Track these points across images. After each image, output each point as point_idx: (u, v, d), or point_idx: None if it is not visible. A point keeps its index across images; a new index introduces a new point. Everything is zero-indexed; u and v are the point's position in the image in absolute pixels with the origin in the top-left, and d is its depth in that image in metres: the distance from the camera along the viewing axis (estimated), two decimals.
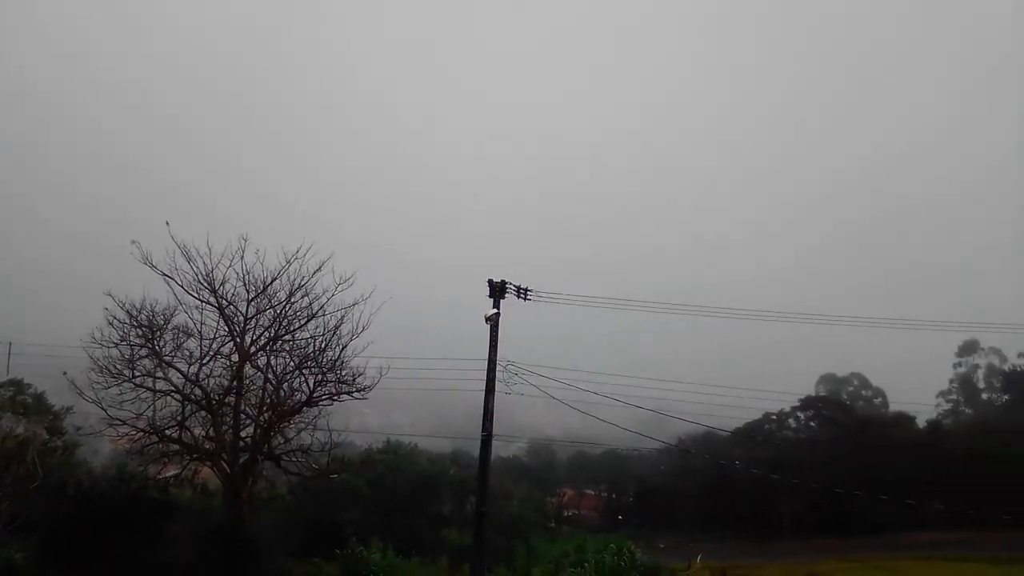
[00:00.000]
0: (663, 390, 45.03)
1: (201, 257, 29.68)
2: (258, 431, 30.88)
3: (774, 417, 75.20)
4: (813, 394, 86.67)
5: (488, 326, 21.12)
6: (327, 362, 30.59)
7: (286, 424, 31.27)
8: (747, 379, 70.81)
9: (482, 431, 21.77)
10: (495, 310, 21.20)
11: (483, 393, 22.40)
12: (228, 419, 30.60)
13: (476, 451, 24.81)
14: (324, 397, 30.87)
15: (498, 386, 21.91)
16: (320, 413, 31.20)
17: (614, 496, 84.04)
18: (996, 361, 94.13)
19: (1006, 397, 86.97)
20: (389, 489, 41.02)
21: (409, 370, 32.17)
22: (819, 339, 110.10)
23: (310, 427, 31.15)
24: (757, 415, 72.90)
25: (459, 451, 57.81)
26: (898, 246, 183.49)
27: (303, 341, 31.29)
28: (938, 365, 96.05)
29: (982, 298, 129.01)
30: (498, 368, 21.53)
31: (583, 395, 25.05)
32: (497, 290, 21.53)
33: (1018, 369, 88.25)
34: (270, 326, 31.11)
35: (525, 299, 22.44)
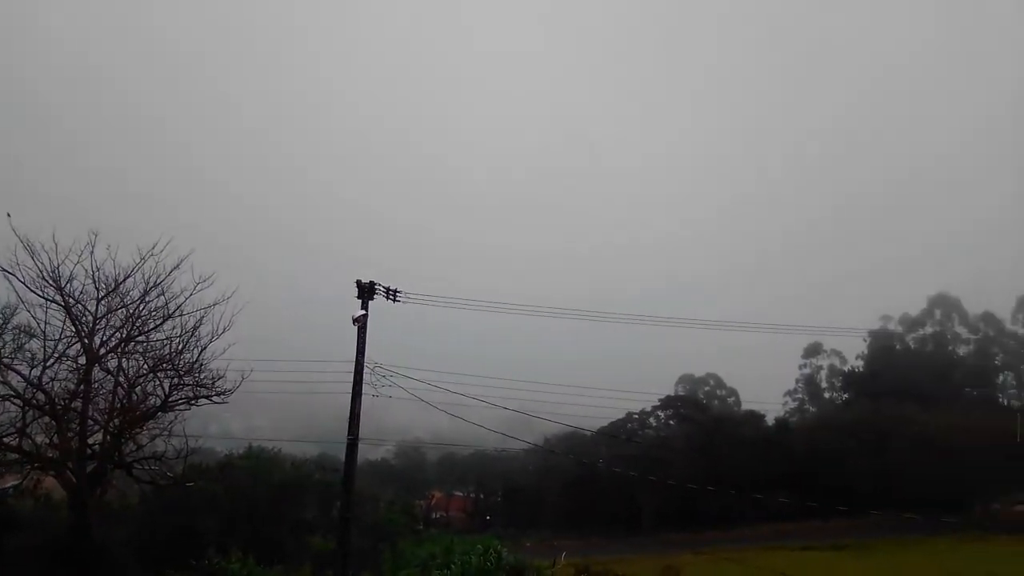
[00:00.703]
0: (531, 391, 45.92)
1: (46, 252, 27.70)
2: (108, 438, 29.20)
3: (636, 416, 78.03)
4: (672, 394, 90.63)
5: (356, 327, 20.87)
6: (184, 365, 29.33)
7: (138, 430, 29.75)
8: (612, 380, 73.29)
9: (348, 435, 21.48)
10: (363, 311, 20.96)
11: (350, 396, 22.11)
12: (74, 425, 28.75)
13: (343, 455, 24.49)
14: (180, 401, 29.57)
15: (366, 388, 21.68)
16: (176, 418, 29.91)
17: (482, 497, 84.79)
18: (837, 362, 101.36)
19: (845, 396, 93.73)
20: (250, 496, 39.81)
21: (272, 372, 31.33)
22: (680, 340, 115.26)
23: (165, 433, 29.79)
24: (620, 414, 75.53)
25: (325, 455, 56.79)
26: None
27: (158, 342, 29.87)
28: (786, 366, 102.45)
29: (831, 303, 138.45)
30: (365, 370, 21.32)
31: (452, 397, 25.22)
32: (365, 291, 21.29)
33: (856, 370, 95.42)
34: (122, 326, 29.45)
35: (395, 300, 22.32)
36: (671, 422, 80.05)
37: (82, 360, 28.71)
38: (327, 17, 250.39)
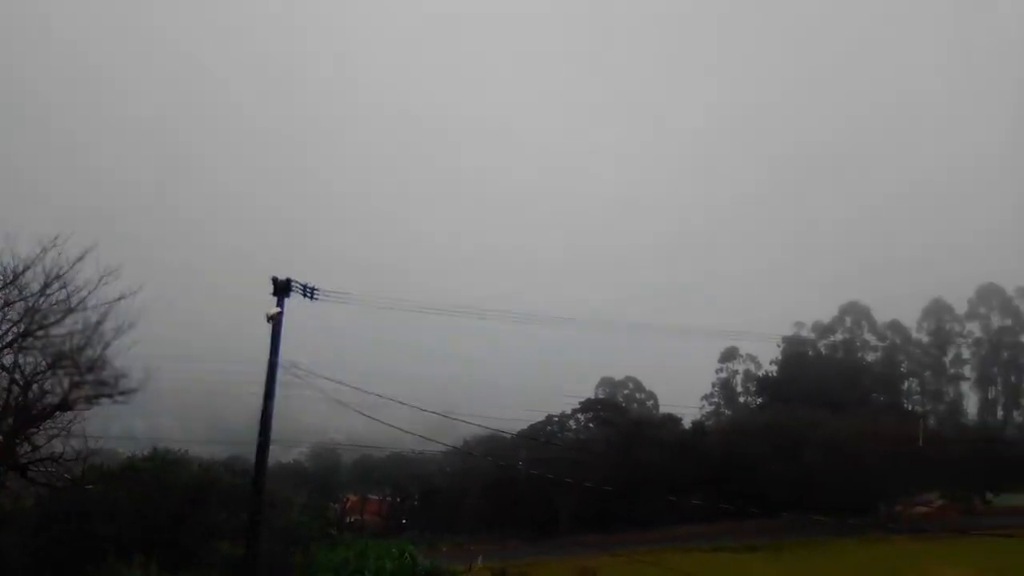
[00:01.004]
0: (452, 393, 45.57)
1: None
2: (1, 438, 27.51)
3: (556, 419, 78.41)
4: (593, 397, 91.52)
5: (270, 326, 20.09)
6: (86, 361, 27.84)
7: (34, 430, 28.11)
8: (534, 383, 73.43)
9: (259, 436, 20.70)
10: (278, 309, 20.19)
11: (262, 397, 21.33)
12: None
13: (254, 457, 23.64)
14: (80, 400, 28.07)
15: (279, 389, 20.96)
16: (76, 418, 28.35)
17: (398, 500, 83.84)
18: (752, 367, 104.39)
19: (759, 400, 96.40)
20: (155, 500, 38.19)
21: (181, 371, 30.10)
22: (600, 343, 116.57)
23: (63, 433, 28.20)
24: (541, 417, 75.76)
25: (236, 457, 54.99)
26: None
27: (59, 338, 28.25)
28: (704, 370, 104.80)
29: (751, 308, 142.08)
30: (279, 370, 20.58)
31: (369, 398, 24.65)
32: (282, 288, 20.51)
33: (770, 375, 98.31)
34: (20, 320, 27.77)
35: (312, 299, 21.61)
36: (591, 425, 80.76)
37: None
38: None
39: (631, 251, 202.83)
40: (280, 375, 21.30)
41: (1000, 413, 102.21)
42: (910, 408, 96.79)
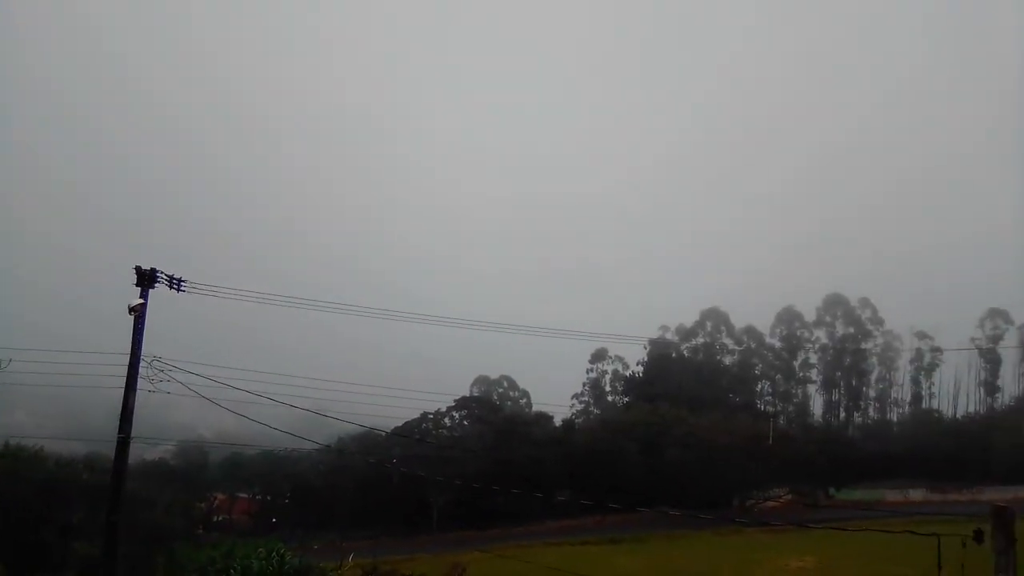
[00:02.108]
0: (328, 390, 45.14)
1: None
2: None
3: (431, 416, 78.70)
4: (468, 394, 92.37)
5: (132, 317, 19.54)
6: None
7: None
8: (411, 380, 73.42)
9: (119, 432, 20.11)
10: (140, 300, 19.64)
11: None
12: None
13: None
14: None
15: (143, 383, 20.37)
16: None
17: (269, 498, 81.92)
18: (620, 368, 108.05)
19: (626, 399, 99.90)
20: (7, 498, 36.14)
21: (37, 363, 28.60)
22: (477, 343, 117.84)
23: None
24: (416, 415, 75.88)
25: (96, 454, 52.45)
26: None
27: None
28: (576, 370, 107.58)
29: (615, 311, 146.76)
30: (142, 363, 20.03)
31: (241, 395, 24.27)
32: (146, 278, 19.96)
33: (636, 375, 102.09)
34: None
35: (179, 290, 21.14)
36: (465, 422, 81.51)
37: None
38: None
39: (505, 251, 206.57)
40: (144, 370, 20.74)
41: (843, 414, 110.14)
42: (762, 408, 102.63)
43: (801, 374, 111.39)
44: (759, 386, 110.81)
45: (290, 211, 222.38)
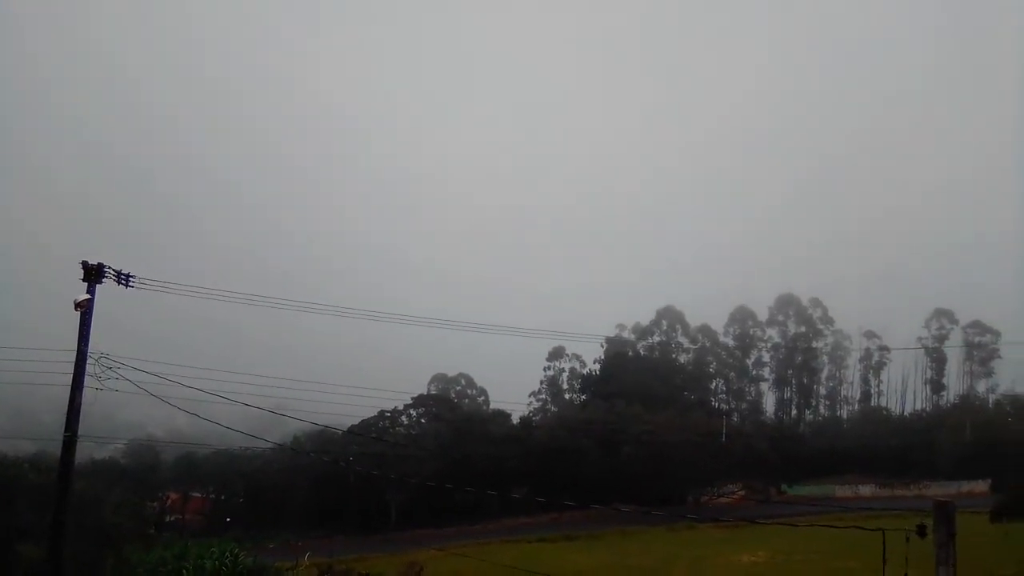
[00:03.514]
0: (284, 388, 44.66)
1: None
2: None
3: (388, 414, 78.27)
4: (425, 392, 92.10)
5: (78, 313, 19.09)
6: None
7: None
8: (367, 378, 72.75)
9: (65, 431, 19.65)
10: (87, 295, 19.19)
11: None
12: None
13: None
14: None
15: (91, 381, 19.93)
16: None
17: (223, 498, 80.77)
18: (577, 366, 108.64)
19: (583, 397, 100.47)
20: None
21: None
22: (433, 341, 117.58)
23: None
24: (373, 413, 75.41)
25: (43, 453, 51.18)
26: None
27: None
28: (533, 368, 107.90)
29: (572, 310, 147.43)
30: (89, 360, 19.59)
31: (192, 392, 23.88)
32: (92, 273, 19.49)
33: (593, 373, 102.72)
34: None
35: (127, 286, 20.69)
36: (423, 420, 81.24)
37: None
38: None
39: (464, 250, 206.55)
40: (92, 367, 20.29)
41: (794, 412, 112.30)
42: (716, 406, 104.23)
43: (754, 372, 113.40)
44: (713, 384, 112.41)
45: (258, 207, 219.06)
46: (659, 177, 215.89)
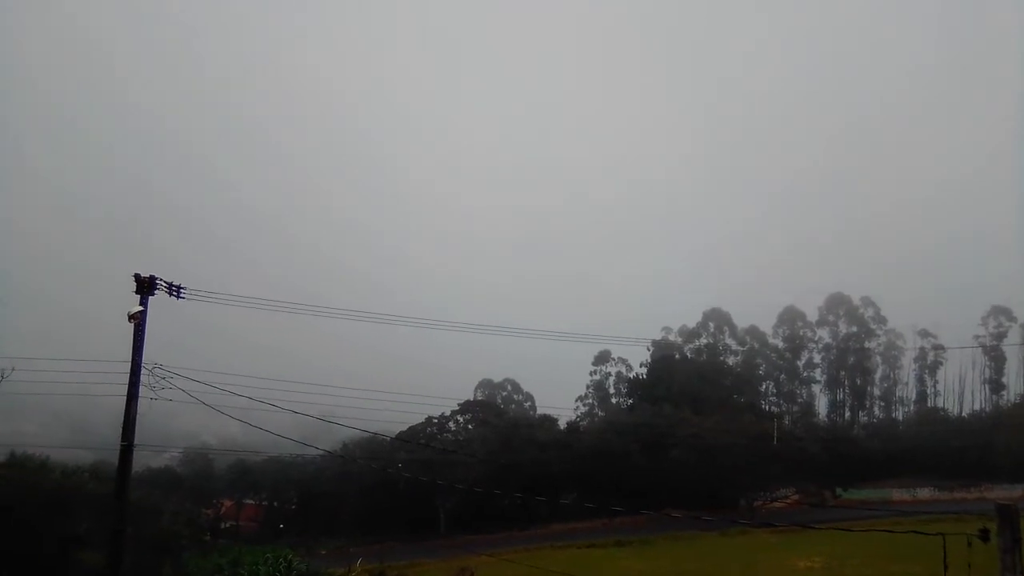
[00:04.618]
0: (332, 396, 45.14)
1: None
2: None
3: (435, 421, 78.68)
4: (472, 399, 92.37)
5: (132, 325, 19.59)
6: None
7: None
8: (414, 385, 73.26)
9: (122, 440, 20.16)
10: (140, 307, 19.69)
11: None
12: None
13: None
14: None
15: (144, 391, 20.43)
16: None
17: (276, 505, 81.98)
18: (624, 370, 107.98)
19: (630, 401, 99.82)
20: (11, 509, 36.13)
21: (40, 372, 28.64)
22: (481, 347, 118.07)
23: None
24: (421, 419, 75.85)
25: (102, 462, 52.52)
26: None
27: None
28: (579, 372, 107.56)
29: (617, 314, 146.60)
30: (144, 371, 20.09)
31: (242, 401, 24.29)
32: (145, 286, 20.02)
33: (640, 377, 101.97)
34: None
35: (179, 297, 21.19)
36: (469, 426, 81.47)
37: None
38: None
39: (509, 256, 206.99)
40: (146, 377, 20.79)
41: (848, 414, 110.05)
42: (767, 408, 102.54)
43: (805, 374, 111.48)
44: (763, 386, 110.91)
45: (295, 220, 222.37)
46: (693, 173, 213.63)
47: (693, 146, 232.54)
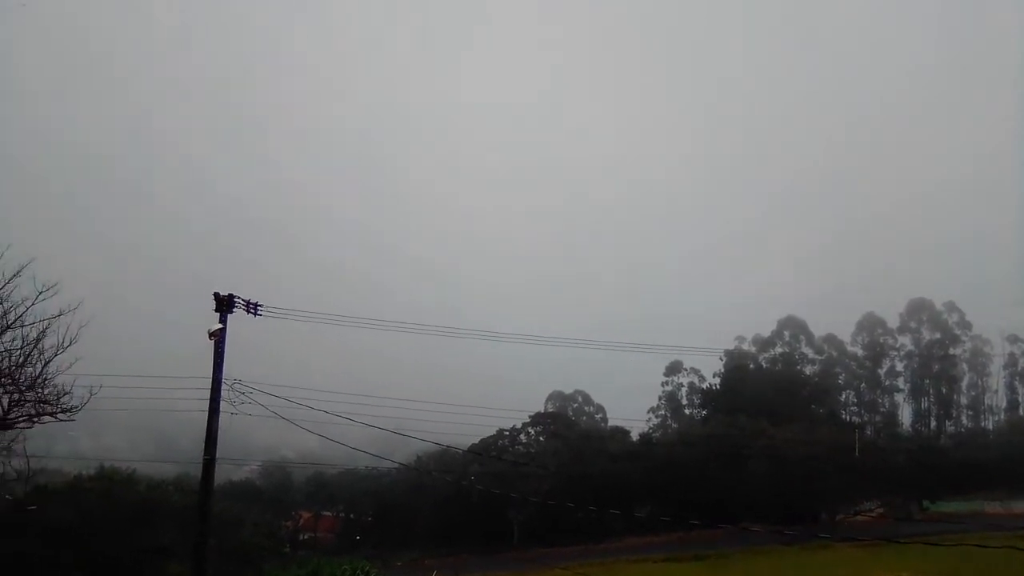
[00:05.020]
0: (404, 409, 45.71)
1: None
2: None
3: (507, 433, 78.79)
4: (543, 411, 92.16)
5: (212, 342, 20.25)
6: (25, 379, 27.47)
7: None
8: (483, 397, 73.62)
9: (204, 453, 20.80)
10: (220, 325, 20.37)
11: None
12: None
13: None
14: (21, 419, 27.66)
15: (225, 406, 21.07)
16: (18, 436, 27.98)
17: (352, 516, 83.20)
18: (696, 380, 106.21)
19: (703, 412, 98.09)
20: (101, 520, 37.60)
21: (125, 389, 29.79)
22: (550, 358, 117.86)
23: (4, 452, 27.83)
24: (492, 432, 76.10)
25: (185, 475, 54.33)
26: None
27: None
28: (650, 384, 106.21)
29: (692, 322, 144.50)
30: (224, 387, 20.72)
31: (320, 415, 24.80)
32: (224, 304, 20.69)
33: (713, 387, 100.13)
34: None
35: (255, 314, 21.80)
36: (541, 439, 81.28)
37: None
38: None
39: (577, 269, 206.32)
40: (224, 391, 21.43)
41: (933, 423, 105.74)
42: (847, 418, 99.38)
43: (887, 382, 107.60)
44: (843, 396, 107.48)
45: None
46: (761, 189, 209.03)
47: (781, 147, 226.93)
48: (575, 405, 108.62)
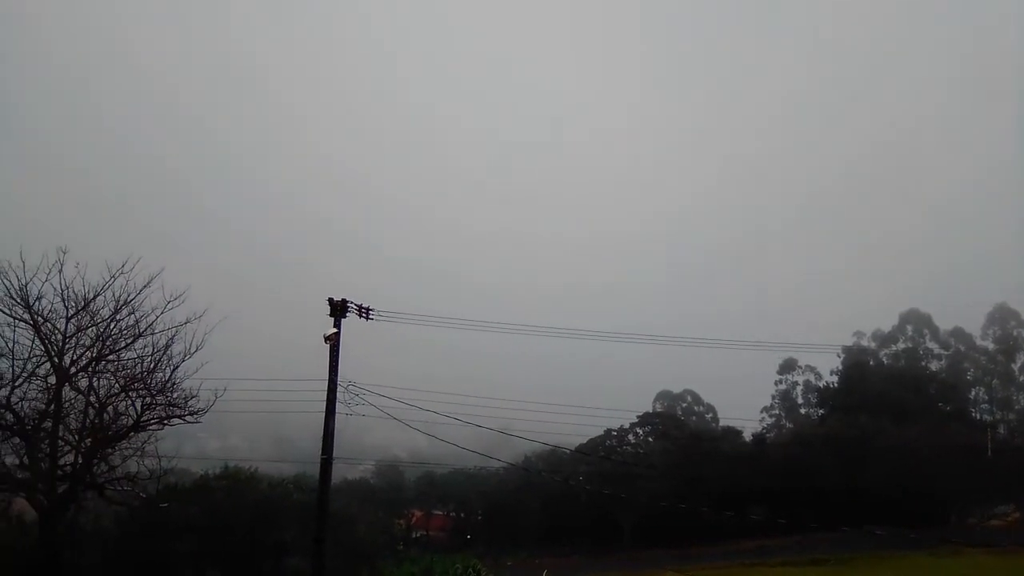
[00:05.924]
0: (511, 409, 45.96)
1: (13, 270, 27.54)
2: (79, 459, 28.86)
3: (615, 433, 78.03)
4: (651, 410, 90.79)
5: (328, 346, 20.84)
6: (156, 384, 29.08)
7: (110, 451, 29.49)
8: (591, 397, 73.00)
9: (322, 454, 21.43)
10: (335, 329, 20.97)
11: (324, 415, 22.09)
12: (45, 446, 28.39)
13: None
14: (153, 421, 29.30)
15: (340, 407, 21.65)
16: (149, 438, 29.64)
17: (462, 515, 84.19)
18: (812, 378, 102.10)
19: (820, 411, 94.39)
20: (226, 517, 39.36)
21: (247, 391, 31.11)
22: (658, 357, 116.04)
23: (138, 453, 29.51)
24: (599, 432, 75.54)
25: (303, 475, 56.20)
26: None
27: (130, 361, 29.64)
28: (763, 382, 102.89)
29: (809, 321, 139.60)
30: (339, 389, 21.29)
31: (430, 415, 25.16)
32: (338, 309, 21.32)
33: (831, 386, 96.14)
34: (92, 345, 29.20)
35: (367, 319, 22.32)
36: (649, 439, 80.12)
37: (52, 379, 28.44)
38: None
39: (683, 266, 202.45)
40: (340, 393, 21.98)
41: None
42: (978, 417, 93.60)
43: (1022, 378, 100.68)
44: (972, 393, 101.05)
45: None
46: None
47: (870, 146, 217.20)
48: (684, 405, 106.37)
